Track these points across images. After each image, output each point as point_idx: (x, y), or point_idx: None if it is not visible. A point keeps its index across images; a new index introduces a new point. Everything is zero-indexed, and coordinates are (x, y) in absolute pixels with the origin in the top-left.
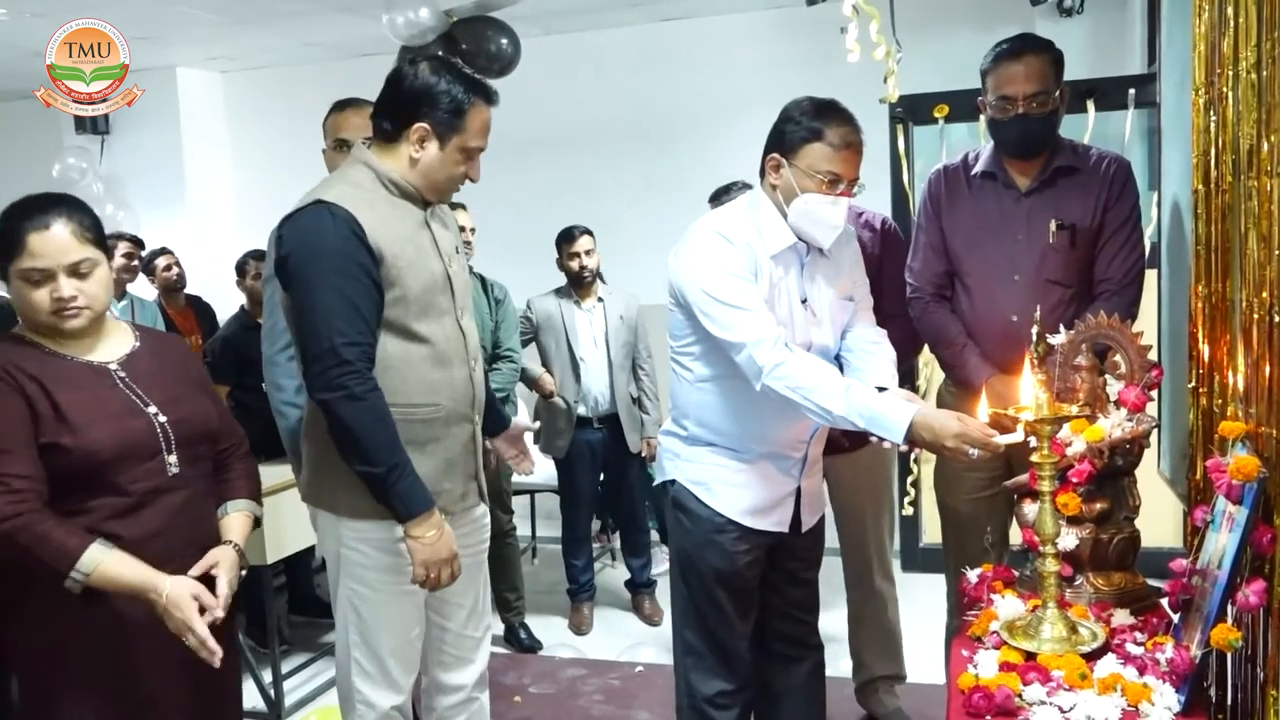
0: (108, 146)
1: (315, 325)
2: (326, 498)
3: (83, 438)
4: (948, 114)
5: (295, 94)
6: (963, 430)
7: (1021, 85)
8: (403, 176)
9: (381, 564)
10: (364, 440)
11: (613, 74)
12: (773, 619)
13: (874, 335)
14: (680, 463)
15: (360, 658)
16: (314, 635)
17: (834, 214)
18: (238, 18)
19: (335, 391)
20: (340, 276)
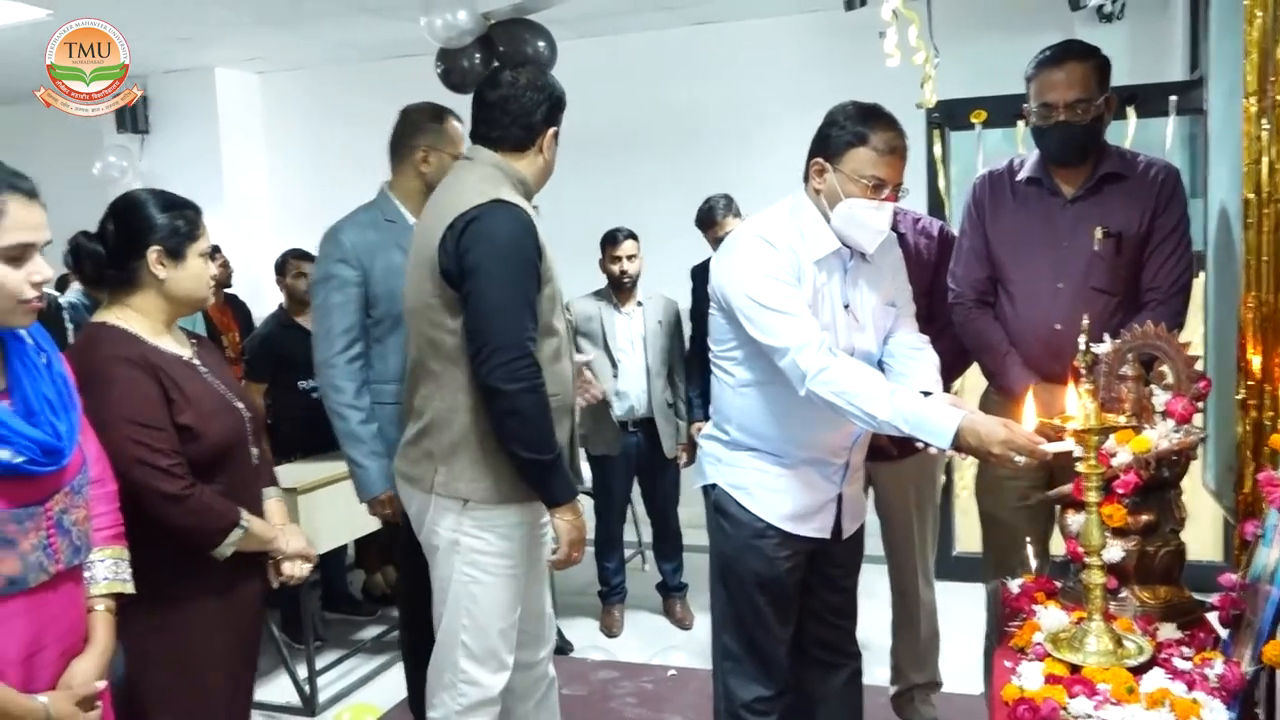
0: (147, 145)
1: (505, 319)
2: (464, 486)
3: (209, 424)
4: (985, 119)
5: (331, 95)
6: (1010, 437)
7: (1062, 92)
8: (532, 178)
9: (500, 549)
10: (536, 429)
11: (648, 77)
12: (811, 624)
13: (917, 341)
14: (721, 467)
15: (469, 640)
16: (347, 632)
17: (878, 219)
18: (275, 20)
19: (520, 383)
20: (523, 274)
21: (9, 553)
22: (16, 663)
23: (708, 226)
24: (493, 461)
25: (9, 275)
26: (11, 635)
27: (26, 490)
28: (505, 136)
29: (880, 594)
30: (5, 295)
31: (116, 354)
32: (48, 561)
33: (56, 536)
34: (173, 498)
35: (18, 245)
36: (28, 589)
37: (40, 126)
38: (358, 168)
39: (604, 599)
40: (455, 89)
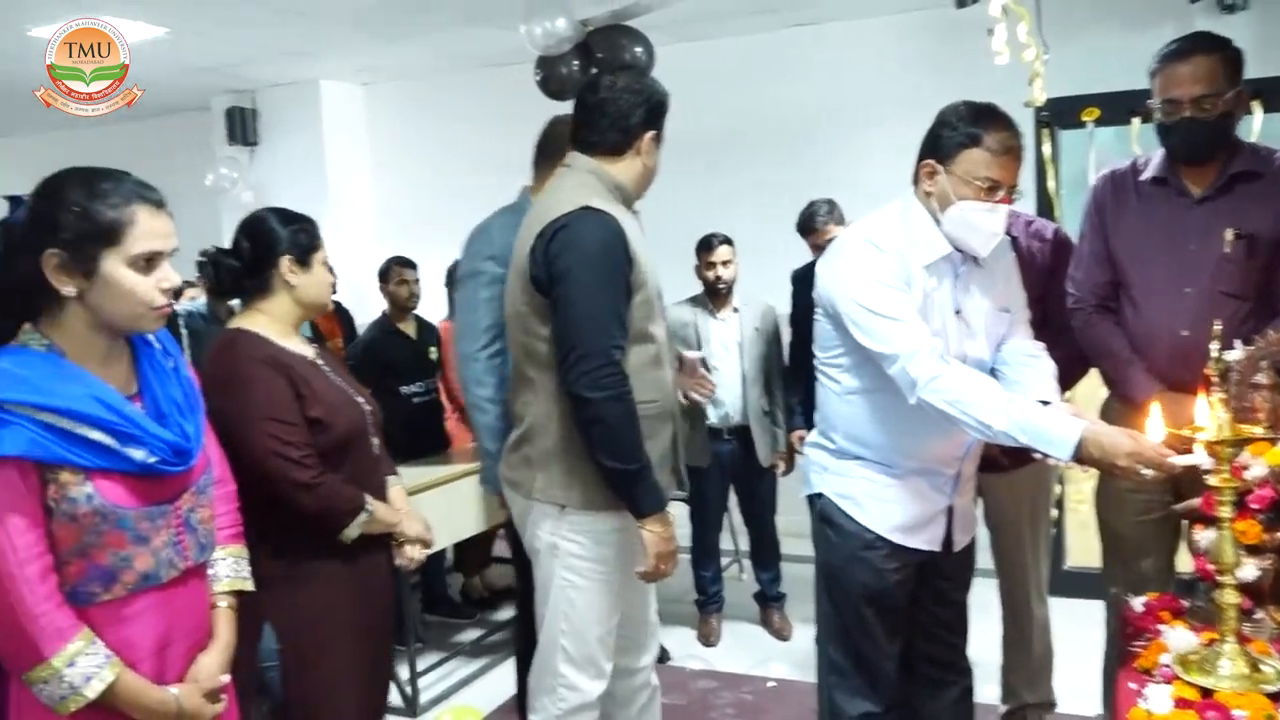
0: (255, 157)
1: (590, 326)
2: (560, 492)
3: (336, 417)
4: (1098, 117)
5: (432, 104)
6: (1136, 449)
7: (1188, 87)
8: (630, 183)
9: (597, 554)
10: (622, 438)
11: (747, 81)
12: (920, 639)
13: (1032, 348)
14: (828, 476)
15: (568, 644)
16: (447, 635)
17: (992, 222)
18: (380, 32)
19: (604, 391)
20: (612, 282)
21: (143, 549)
22: (149, 656)
23: (808, 232)
24: (586, 468)
25: (140, 282)
26: (145, 629)
27: (158, 489)
28: (602, 140)
29: (991, 609)
30: (137, 301)
31: (252, 356)
32: (177, 558)
33: (185, 534)
34: (305, 485)
35: (148, 253)
36: (160, 584)
37: (156, 140)
38: (458, 175)
39: (701, 608)
40: (554, 96)
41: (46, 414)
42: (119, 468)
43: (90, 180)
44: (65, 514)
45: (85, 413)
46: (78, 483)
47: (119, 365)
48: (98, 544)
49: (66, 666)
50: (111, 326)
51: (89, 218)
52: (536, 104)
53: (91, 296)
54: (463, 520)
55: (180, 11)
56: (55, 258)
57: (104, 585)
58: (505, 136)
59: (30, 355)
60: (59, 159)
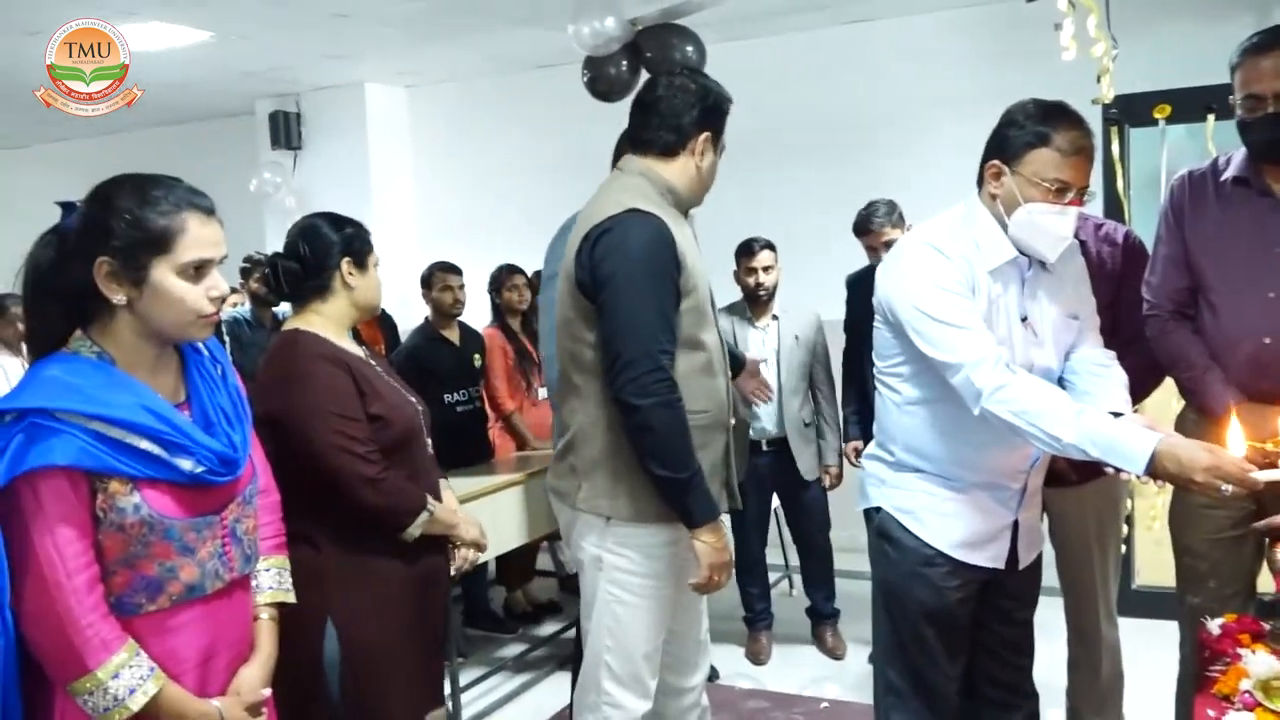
0: (300, 161)
1: (636, 331)
2: (605, 502)
3: (396, 414)
4: (1169, 114)
5: (478, 106)
6: (1215, 463)
7: (1271, 82)
8: (684, 186)
9: (644, 569)
10: (671, 446)
11: (798, 79)
12: (983, 660)
13: (1103, 357)
14: (886, 489)
15: (613, 662)
16: (490, 649)
17: (1062, 225)
18: (425, 34)
19: (652, 397)
20: (659, 286)
21: (188, 560)
22: (193, 668)
23: (864, 233)
24: (634, 479)
25: (189, 290)
26: (189, 640)
27: (205, 500)
28: (654, 140)
29: (1056, 629)
30: (186, 309)
31: (315, 353)
32: (223, 570)
33: (231, 545)
34: (370, 481)
35: (198, 261)
36: (204, 595)
37: (201, 145)
38: (503, 179)
39: (750, 625)
40: (602, 97)
41: (97, 423)
42: (167, 477)
43: (142, 187)
44: (113, 524)
45: (135, 422)
46: (126, 492)
47: (167, 373)
48: (144, 554)
49: (111, 679)
50: (160, 335)
51: (140, 225)
52: (584, 105)
53: (141, 305)
54: (506, 532)
55: (224, 15)
56: (106, 265)
57: (149, 596)
58: (552, 139)
59: (81, 363)
60: (106, 163)
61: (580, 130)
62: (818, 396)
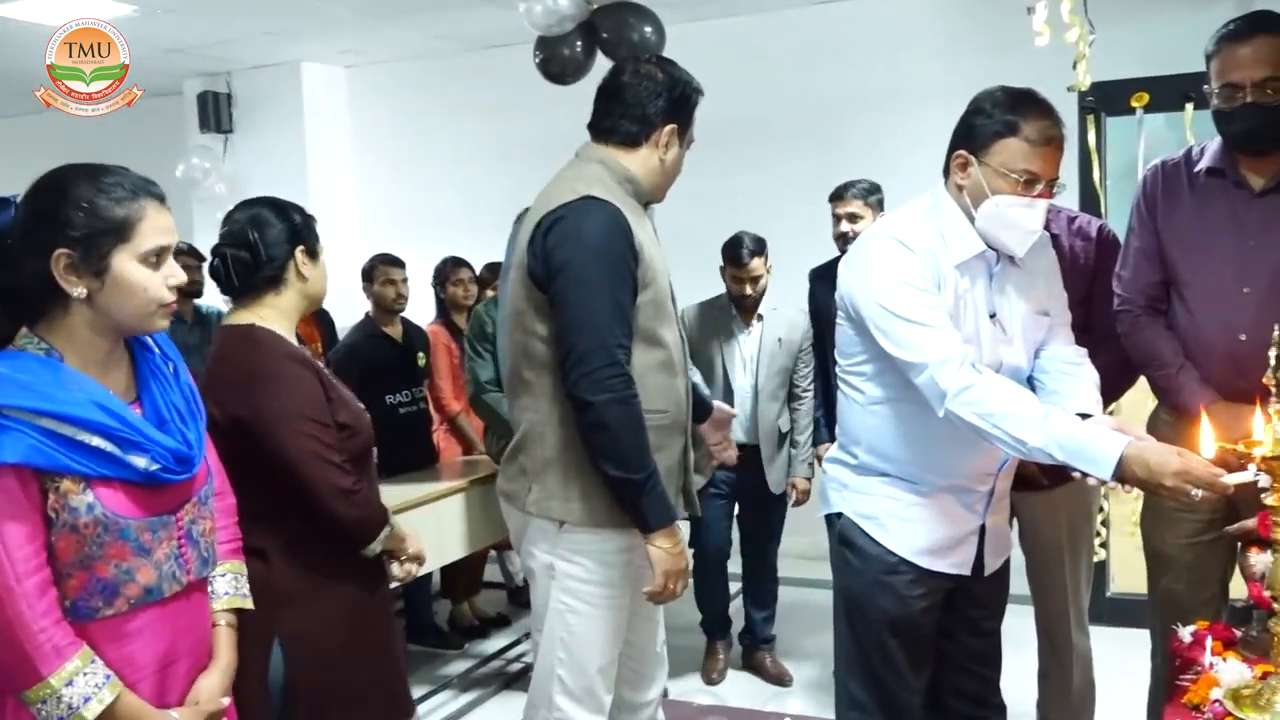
0: (231, 145)
1: (591, 324)
2: (557, 505)
3: (361, 422)
4: (1147, 103)
5: (423, 88)
6: (1185, 468)
7: (1249, 70)
8: (645, 178)
9: (599, 577)
10: (626, 445)
11: (766, 63)
12: (950, 673)
13: (1073, 355)
14: (848, 494)
15: (565, 675)
16: (433, 666)
17: (1030, 218)
18: (366, 10)
19: (606, 394)
20: (615, 277)
21: (145, 561)
22: (150, 675)
23: (836, 199)
24: (587, 481)
25: (151, 278)
26: (147, 646)
27: (160, 499)
28: (615, 129)
29: (1026, 639)
30: (149, 299)
31: (283, 353)
32: (179, 572)
33: (187, 547)
34: (346, 492)
35: (158, 248)
36: (162, 599)
37: (122, 128)
38: (451, 165)
39: (709, 637)
40: (555, 80)
41: (47, 420)
42: (121, 476)
43: (95, 175)
44: (66, 524)
45: (86, 418)
46: (78, 492)
47: (119, 371)
48: (100, 556)
49: (64, 686)
50: (119, 328)
51: (99, 214)
52: (536, 89)
53: (101, 297)
54: (451, 542)
55: None
56: (65, 257)
57: (106, 600)
58: (501, 124)
59: (28, 359)
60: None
61: (532, 115)
62: (795, 404)
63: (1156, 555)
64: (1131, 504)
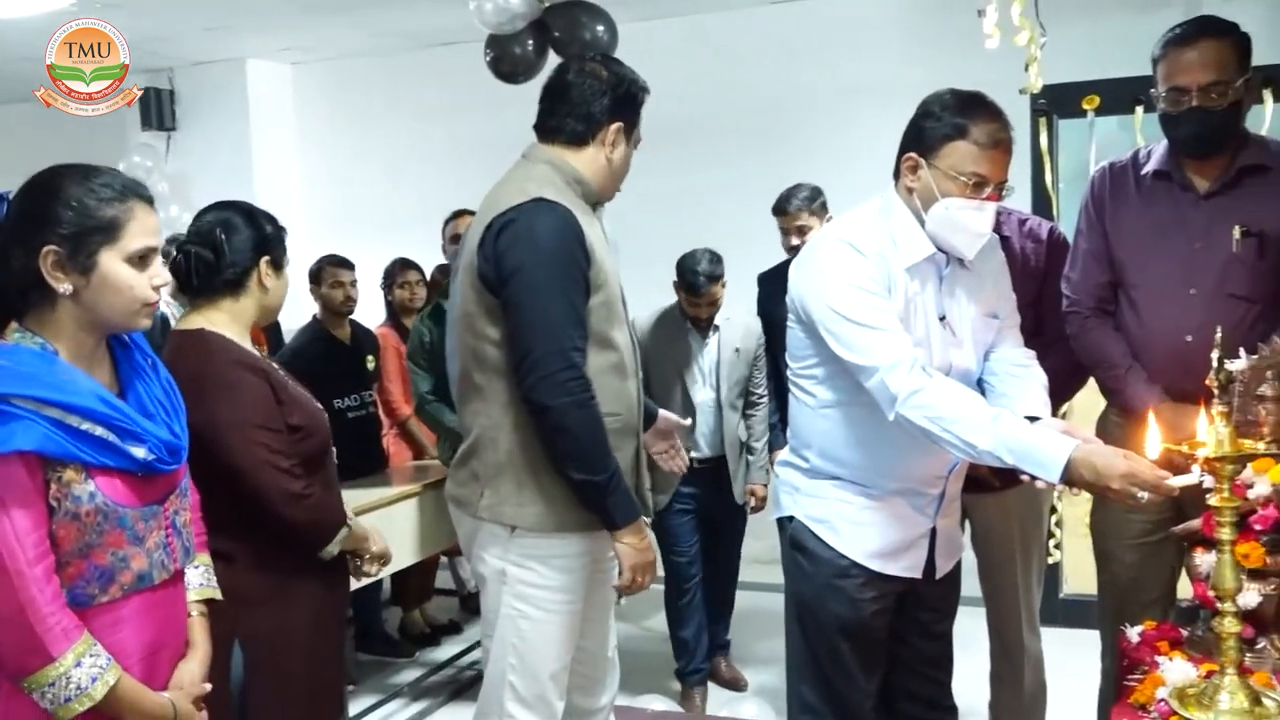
0: (174, 143)
1: (546, 327)
2: (509, 510)
3: (315, 423)
4: (1098, 106)
5: (370, 86)
6: (1131, 470)
7: (1195, 74)
8: (593, 177)
9: (552, 582)
10: (588, 447)
11: (719, 63)
12: (901, 676)
13: (1022, 357)
14: (800, 497)
15: (517, 682)
16: (384, 675)
17: (979, 220)
18: (313, 6)
19: (566, 397)
20: (568, 279)
21: (139, 549)
22: (138, 662)
23: (781, 213)
24: (542, 485)
25: (137, 278)
26: (135, 633)
27: (150, 490)
28: (561, 128)
29: (978, 641)
30: (133, 297)
31: (233, 359)
32: (167, 560)
33: (173, 536)
34: (296, 497)
35: (144, 249)
36: (152, 586)
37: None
38: (400, 165)
39: (682, 678)
40: (506, 78)
41: (53, 409)
42: (121, 465)
43: (86, 176)
44: (68, 513)
45: (90, 408)
46: (80, 481)
47: (103, 366)
48: (98, 544)
49: (74, 667)
50: (104, 325)
51: (89, 213)
52: (487, 87)
53: (87, 294)
54: (402, 548)
55: None
56: (53, 254)
57: (102, 587)
58: (452, 123)
59: (24, 352)
60: None
61: (483, 114)
62: (751, 412)
63: (1105, 556)
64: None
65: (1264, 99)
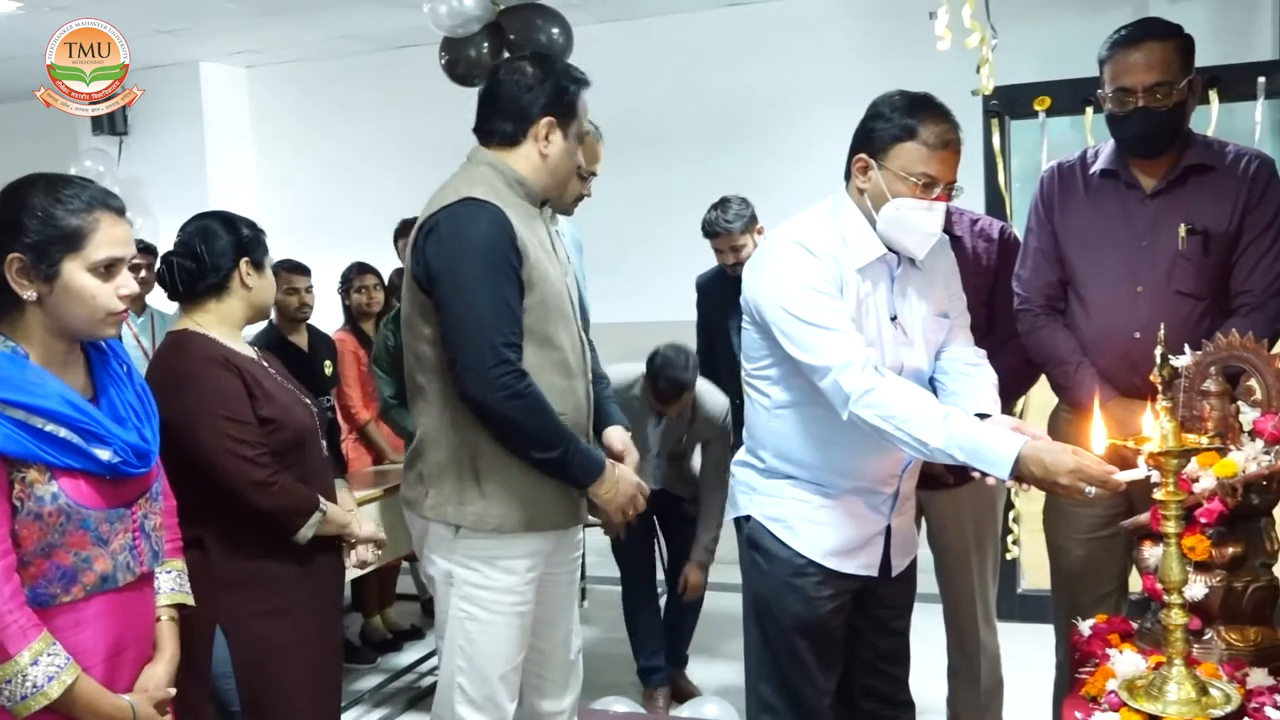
0: (126, 147)
1: (475, 325)
2: (453, 510)
3: (289, 416)
4: (1049, 106)
5: (326, 89)
6: (1079, 466)
7: (1141, 75)
8: (531, 175)
9: (498, 583)
10: (535, 430)
11: (675, 65)
12: (859, 673)
13: (972, 355)
14: (757, 497)
15: (466, 684)
16: (346, 682)
17: (929, 221)
18: (267, 9)
19: (499, 392)
20: (495, 275)
21: (102, 551)
22: (100, 662)
23: (711, 236)
24: (482, 485)
25: (100, 288)
26: (98, 634)
27: (117, 492)
28: (494, 130)
29: (936, 638)
30: (97, 307)
31: (204, 356)
32: (133, 562)
33: (140, 539)
34: (260, 484)
35: (109, 259)
36: (116, 588)
37: (10, 128)
38: (356, 168)
39: (643, 677)
40: (461, 81)
41: (17, 410)
42: (85, 467)
43: (54, 186)
44: (31, 513)
45: (54, 410)
46: (44, 481)
47: (76, 370)
48: (61, 544)
49: (30, 665)
50: (70, 332)
51: (53, 223)
52: (442, 90)
53: (51, 301)
54: None
55: None
56: (17, 261)
57: (64, 587)
58: (407, 126)
59: None
60: None
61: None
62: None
63: (1058, 551)
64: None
65: (1209, 99)
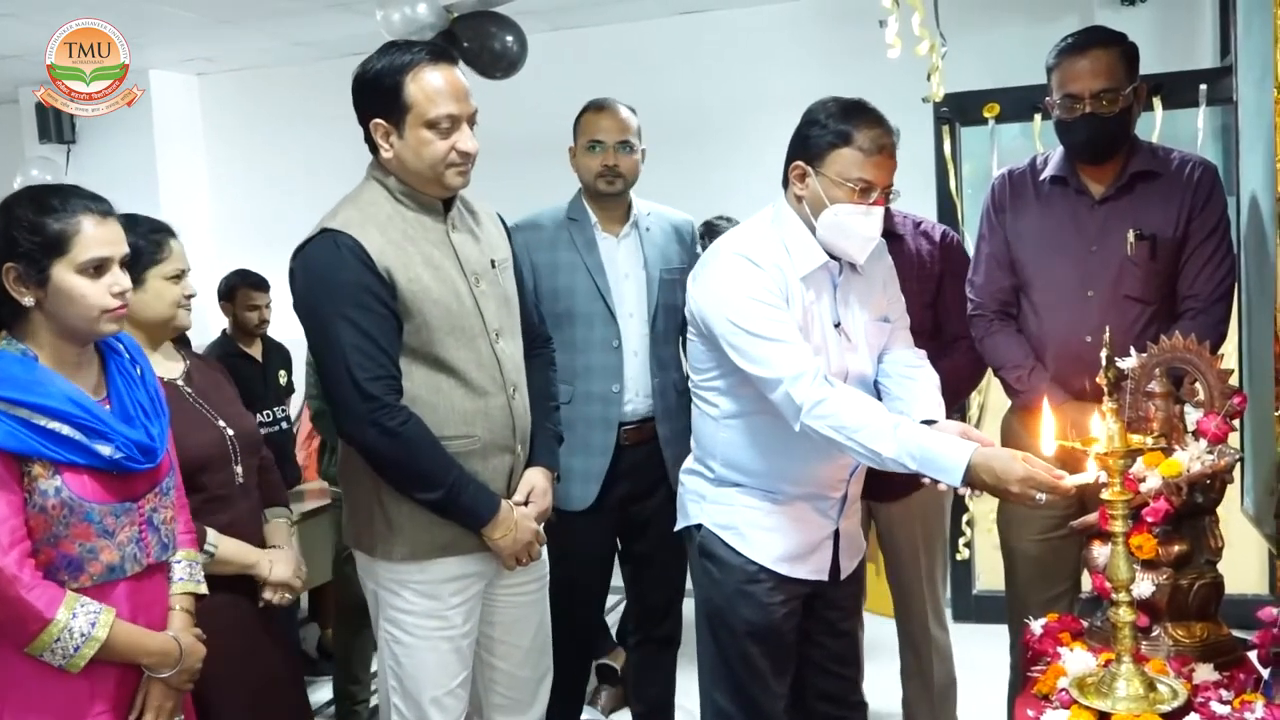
0: (74, 157)
1: (335, 363)
2: (365, 539)
3: (184, 442)
4: (998, 113)
5: (278, 97)
6: (1029, 474)
7: (1088, 82)
8: (403, 176)
9: (420, 608)
10: (411, 470)
11: (627, 73)
12: (812, 676)
13: (912, 358)
14: (706, 505)
15: (400, 704)
16: None
17: (868, 225)
18: (218, 15)
19: (371, 428)
20: (353, 308)
21: (108, 543)
22: None
23: None
24: (393, 513)
25: (91, 288)
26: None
27: (124, 487)
28: (368, 141)
29: (890, 646)
30: (90, 305)
31: None
32: (140, 554)
33: (148, 532)
34: None
35: (96, 260)
36: (126, 577)
37: None
38: (311, 177)
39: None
40: None
41: (21, 409)
42: (87, 462)
43: (40, 196)
44: (36, 505)
45: (57, 408)
46: (48, 476)
47: (90, 370)
48: (65, 535)
49: (71, 619)
50: (73, 333)
51: (38, 230)
52: None
53: (49, 305)
54: (317, 564)
55: None
56: (13, 271)
57: (71, 575)
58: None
59: (6, 358)
60: None
61: None
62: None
63: (1011, 553)
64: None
65: (1153, 106)
